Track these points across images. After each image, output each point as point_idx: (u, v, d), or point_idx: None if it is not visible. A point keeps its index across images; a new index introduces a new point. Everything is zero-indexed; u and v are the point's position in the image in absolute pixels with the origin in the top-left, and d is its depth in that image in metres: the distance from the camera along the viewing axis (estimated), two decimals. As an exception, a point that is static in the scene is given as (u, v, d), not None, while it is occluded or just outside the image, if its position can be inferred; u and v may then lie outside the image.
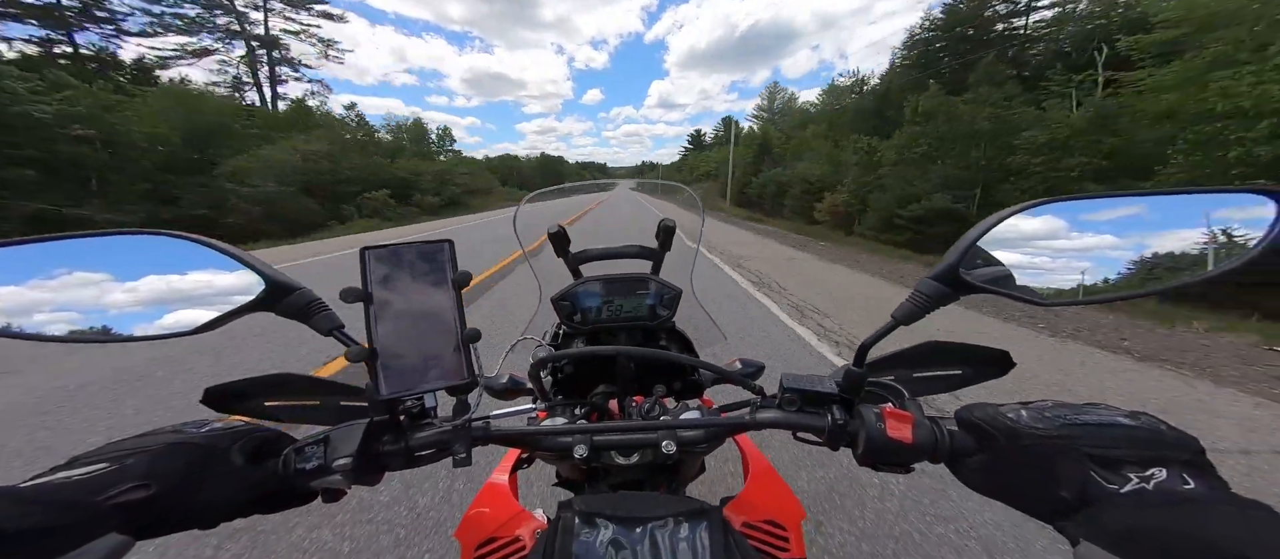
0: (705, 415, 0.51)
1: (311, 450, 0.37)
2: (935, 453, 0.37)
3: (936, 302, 0.37)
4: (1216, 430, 2.32)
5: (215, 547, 1.48)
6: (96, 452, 0.32)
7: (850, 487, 1.74)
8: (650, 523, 0.35)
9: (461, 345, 0.40)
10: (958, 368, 0.47)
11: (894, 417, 0.38)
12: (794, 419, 0.43)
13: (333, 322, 0.39)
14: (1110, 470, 0.29)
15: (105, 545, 0.25)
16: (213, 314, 0.36)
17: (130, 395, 2.62)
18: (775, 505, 0.58)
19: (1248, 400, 2.68)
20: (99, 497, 0.28)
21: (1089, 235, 0.36)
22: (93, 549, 0.25)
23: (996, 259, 0.36)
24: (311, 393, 0.47)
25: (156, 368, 2.97)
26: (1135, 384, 2.95)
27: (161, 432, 0.35)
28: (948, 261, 0.36)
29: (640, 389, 0.64)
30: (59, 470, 0.29)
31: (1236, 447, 2.17)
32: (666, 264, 0.71)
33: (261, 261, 0.38)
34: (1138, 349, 3.57)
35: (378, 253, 0.39)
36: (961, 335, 0.50)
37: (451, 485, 1.76)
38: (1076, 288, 0.35)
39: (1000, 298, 0.36)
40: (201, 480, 0.33)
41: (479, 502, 0.61)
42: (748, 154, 30.36)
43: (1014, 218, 0.35)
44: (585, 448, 0.44)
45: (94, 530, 0.26)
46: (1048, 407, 0.34)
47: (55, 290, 0.33)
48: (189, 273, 0.36)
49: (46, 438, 2.17)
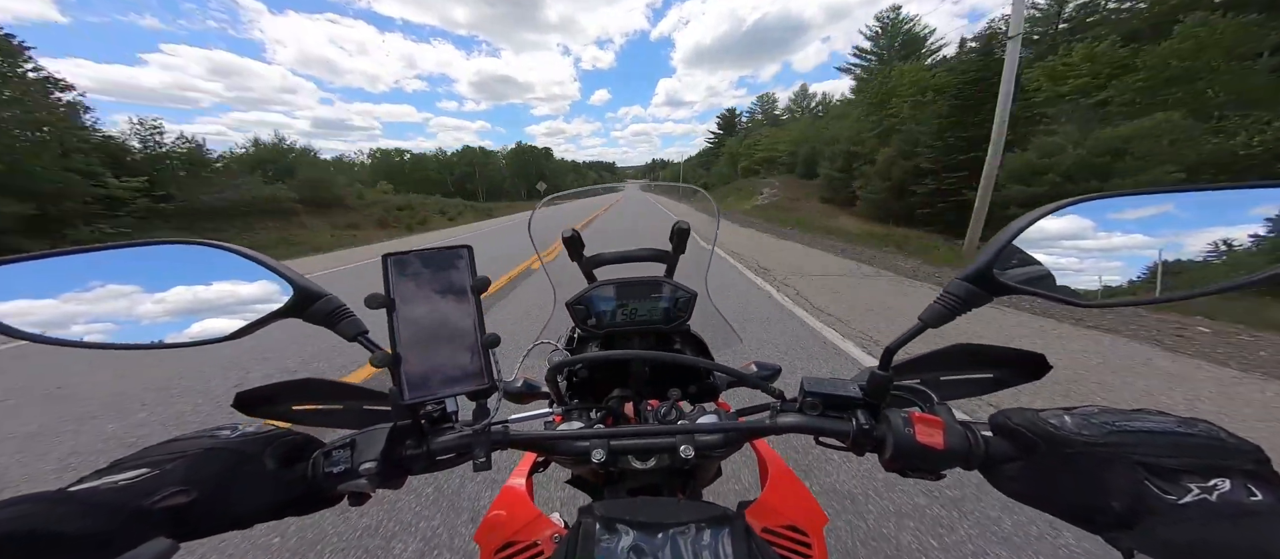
0: (723, 419, 0.50)
1: (338, 454, 0.38)
2: (969, 459, 0.36)
3: (968, 303, 0.36)
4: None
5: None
6: (137, 457, 0.33)
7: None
8: (672, 529, 0.35)
9: (481, 350, 0.41)
10: (988, 371, 0.46)
11: (923, 421, 0.37)
12: (817, 423, 0.42)
13: (357, 327, 0.39)
14: (1167, 481, 0.28)
15: (153, 549, 0.26)
16: (243, 322, 0.37)
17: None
18: (796, 511, 0.57)
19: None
20: (145, 501, 0.29)
21: (1119, 234, 0.34)
22: (142, 553, 0.25)
23: (1032, 259, 0.35)
24: (335, 397, 0.48)
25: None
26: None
27: (197, 436, 0.36)
28: (980, 262, 0.35)
29: (655, 392, 0.64)
30: (104, 474, 0.30)
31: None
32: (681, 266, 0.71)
33: (290, 269, 0.39)
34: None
35: (399, 259, 0.40)
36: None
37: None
38: (1117, 288, 0.34)
39: (1036, 298, 0.35)
40: (237, 484, 0.33)
41: (498, 505, 0.62)
42: (861, 122, 19.68)
43: (1046, 219, 0.34)
44: (603, 452, 0.44)
45: (142, 534, 0.27)
46: (1094, 412, 0.33)
47: (91, 301, 0.34)
48: (221, 281, 0.37)
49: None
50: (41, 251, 0.33)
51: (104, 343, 0.34)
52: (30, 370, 3.64)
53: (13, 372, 3.65)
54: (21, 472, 2.19)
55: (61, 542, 0.24)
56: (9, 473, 2.19)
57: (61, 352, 2.79)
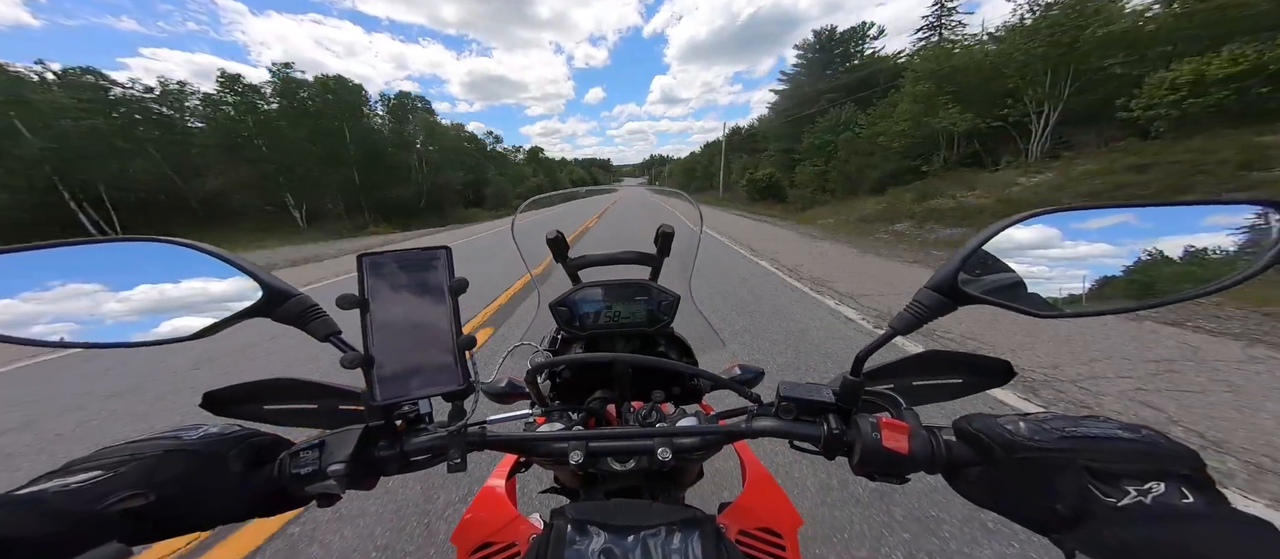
0: (703, 422, 0.51)
1: (306, 455, 0.38)
2: (932, 464, 0.37)
3: (935, 312, 0.36)
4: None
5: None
6: (92, 458, 0.32)
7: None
8: (643, 531, 0.35)
9: (457, 351, 0.40)
10: (957, 376, 0.46)
11: (890, 427, 0.38)
12: (790, 428, 0.43)
13: (329, 327, 0.39)
14: (1108, 484, 0.29)
15: (104, 553, 0.25)
16: (210, 320, 0.36)
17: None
18: (771, 513, 0.58)
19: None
20: (98, 505, 0.28)
21: (1083, 244, 0.35)
22: (93, 557, 0.25)
23: (996, 268, 0.36)
24: (309, 396, 0.47)
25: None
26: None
27: (158, 437, 0.35)
28: (945, 271, 0.36)
29: (638, 394, 0.64)
30: (56, 477, 0.30)
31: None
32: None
33: (257, 267, 0.38)
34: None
35: (374, 260, 0.40)
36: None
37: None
38: (1076, 299, 0.35)
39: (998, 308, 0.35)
40: (199, 486, 0.33)
41: (475, 506, 0.61)
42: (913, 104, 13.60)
43: (1011, 229, 0.35)
44: (581, 454, 0.44)
45: (94, 538, 0.27)
46: (1046, 418, 0.34)
47: (52, 299, 0.33)
48: (186, 279, 0.36)
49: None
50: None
51: (65, 341, 0.33)
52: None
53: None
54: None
55: (7, 546, 0.24)
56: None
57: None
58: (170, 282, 0.36)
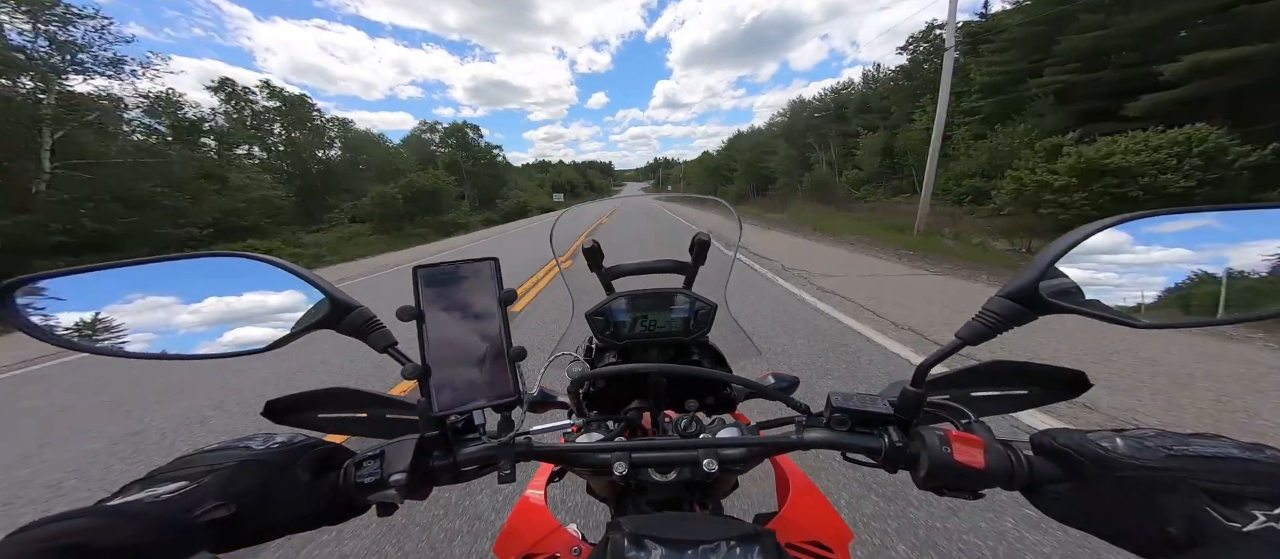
0: (745, 433, 0.50)
1: (369, 465, 0.38)
2: (1011, 480, 0.35)
3: (1010, 322, 0.35)
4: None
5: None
6: (172, 468, 0.33)
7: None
8: (702, 546, 0.35)
9: (508, 363, 0.41)
10: (1023, 388, 0.45)
11: (961, 440, 0.37)
12: (845, 439, 0.42)
13: (387, 339, 0.39)
14: (1231, 507, 0.27)
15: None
16: (281, 333, 0.37)
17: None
18: (820, 526, 0.56)
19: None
20: (188, 515, 0.29)
21: (1160, 249, 0.34)
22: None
23: (1079, 275, 0.34)
24: (360, 406, 0.48)
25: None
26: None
27: (230, 447, 0.36)
28: (1024, 279, 0.34)
29: (672, 403, 0.64)
30: (144, 486, 0.30)
31: None
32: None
33: (324, 280, 0.39)
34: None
35: (428, 272, 0.40)
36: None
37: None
38: (1175, 308, 0.33)
39: (1086, 318, 0.34)
40: (272, 495, 0.33)
41: (516, 516, 0.61)
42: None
43: (1098, 235, 0.34)
44: (625, 466, 0.44)
45: (187, 547, 0.27)
46: (1148, 435, 0.33)
47: (131, 312, 0.34)
48: (259, 292, 0.37)
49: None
50: (85, 265, 0.34)
51: (142, 353, 0.34)
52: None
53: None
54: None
55: (109, 554, 0.24)
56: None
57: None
58: (242, 295, 0.37)
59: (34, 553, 0.22)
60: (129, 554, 0.25)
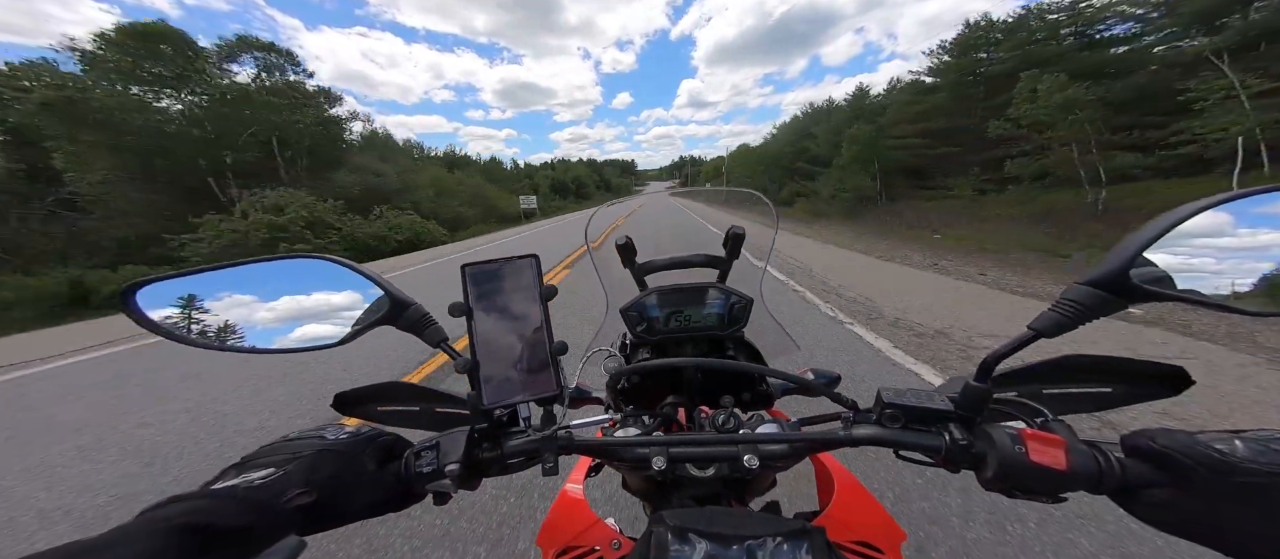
0: (785, 429, 0.50)
1: (427, 455, 0.40)
2: (1099, 483, 0.33)
3: (1095, 311, 0.32)
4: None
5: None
6: (261, 455, 0.36)
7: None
8: (748, 541, 0.34)
9: (551, 357, 0.42)
10: (1107, 385, 0.41)
11: (1037, 439, 0.34)
12: (899, 436, 0.40)
13: (440, 335, 0.42)
14: None
15: (288, 547, 0.28)
16: (348, 329, 0.40)
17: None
18: (869, 526, 0.54)
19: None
20: (279, 499, 0.31)
21: (1270, 231, 0.30)
22: (279, 549, 0.28)
23: (1173, 260, 0.31)
24: (413, 399, 0.50)
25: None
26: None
27: (307, 436, 0.39)
28: (1112, 264, 0.32)
29: (707, 399, 0.64)
30: (240, 471, 0.33)
31: None
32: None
33: (385, 279, 0.41)
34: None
35: (475, 270, 0.42)
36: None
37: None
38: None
39: (1183, 305, 0.31)
40: (345, 482, 0.36)
41: (557, 510, 0.63)
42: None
43: (1197, 217, 0.31)
44: (663, 460, 0.44)
45: (276, 528, 0.30)
46: (1275, 438, 0.29)
47: (220, 310, 0.38)
48: (328, 291, 0.40)
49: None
50: (188, 269, 0.38)
51: (229, 347, 0.38)
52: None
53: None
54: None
55: (220, 535, 0.27)
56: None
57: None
58: (312, 294, 0.40)
59: (163, 530, 0.25)
60: (235, 535, 0.28)
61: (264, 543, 0.28)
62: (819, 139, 27.82)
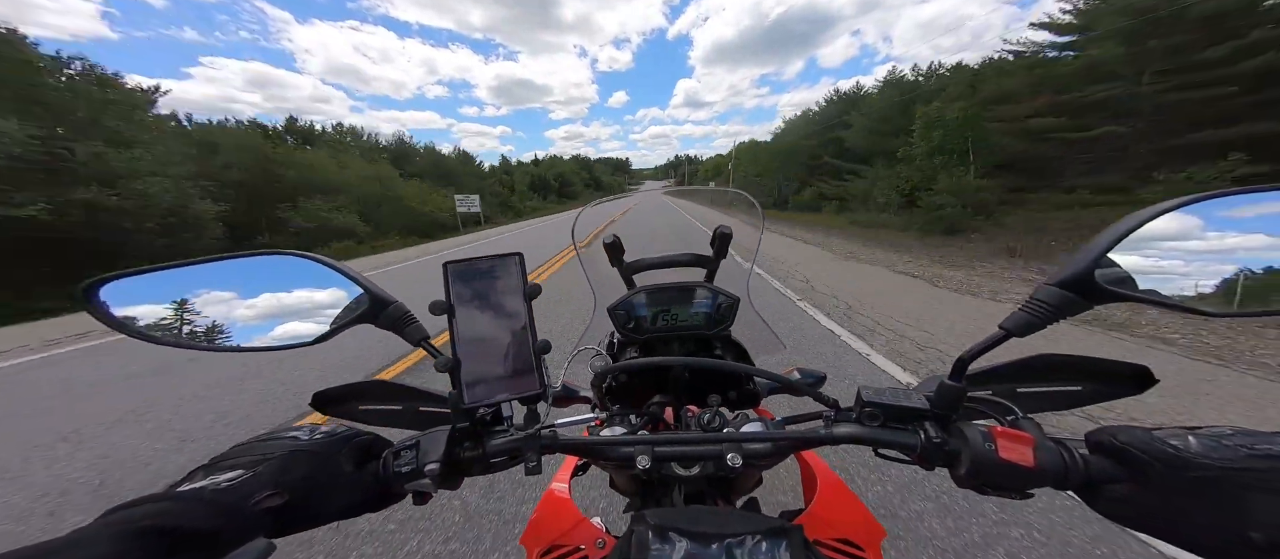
0: (769, 427, 0.50)
1: (406, 455, 0.40)
2: (1064, 479, 0.34)
3: (1061, 311, 0.33)
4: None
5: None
6: (231, 456, 0.35)
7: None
8: (727, 539, 0.35)
9: (534, 356, 0.42)
10: (1074, 384, 0.43)
11: (1007, 436, 0.35)
12: (877, 435, 0.41)
13: (421, 333, 0.41)
14: None
15: (255, 549, 0.28)
16: (325, 327, 0.39)
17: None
18: (850, 524, 0.55)
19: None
20: (247, 501, 0.31)
21: (1235, 235, 0.31)
22: (247, 551, 0.27)
23: (1136, 262, 0.32)
24: (394, 398, 0.50)
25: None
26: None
27: (279, 436, 0.38)
28: (1078, 266, 0.32)
29: (694, 398, 0.64)
30: (208, 473, 0.33)
31: None
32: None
33: (364, 276, 0.41)
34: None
35: (458, 267, 0.41)
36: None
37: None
38: (1252, 296, 0.31)
39: (1143, 305, 0.32)
40: (319, 483, 0.35)
41: (542, 509, 0.63)
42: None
43: (1155, 220, 0.31)
44: (648, 459, 0.44)
45: (247, 533, 0.29)
46: (1225, 434, 0.30)
47: (196, 307, 0.37)
48: (307, 288, 0.40)
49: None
50: (156, 264, 0.37)
51: (204, 346, 0.37)
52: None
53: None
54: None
55: (186, 537, 0.26)
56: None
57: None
58: (291, 291, 0.39)
59: (128, 533, 0.24)
60: (202, 538, 0.27)
61: (232, 546, 0.27)
62: (856, 129, 20.17)
